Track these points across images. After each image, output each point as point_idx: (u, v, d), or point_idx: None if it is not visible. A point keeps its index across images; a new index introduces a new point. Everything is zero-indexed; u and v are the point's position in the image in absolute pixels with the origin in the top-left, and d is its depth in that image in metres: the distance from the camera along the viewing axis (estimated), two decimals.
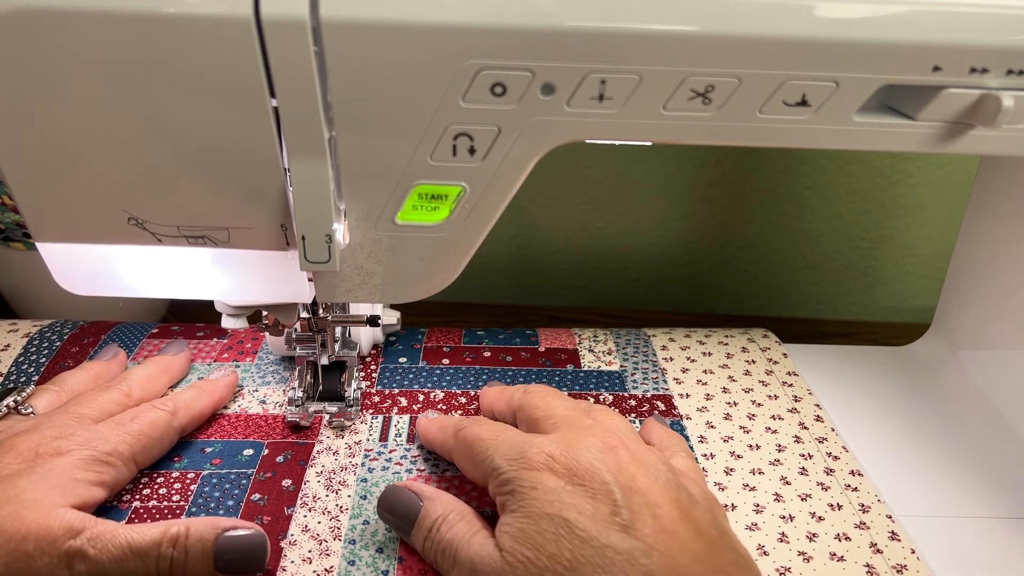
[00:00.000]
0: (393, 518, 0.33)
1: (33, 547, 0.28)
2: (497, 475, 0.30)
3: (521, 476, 0.29)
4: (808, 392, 0.45)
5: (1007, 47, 0.25)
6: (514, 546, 0.28)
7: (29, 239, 0.50)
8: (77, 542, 0.28)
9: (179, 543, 0.29)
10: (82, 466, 0.32)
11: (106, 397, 0.36)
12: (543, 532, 0.27)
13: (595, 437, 0.31)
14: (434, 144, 0.26)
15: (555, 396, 0.35)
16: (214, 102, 0.24)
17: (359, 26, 0.23)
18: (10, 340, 0.46)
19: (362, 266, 0.30)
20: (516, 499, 0.29)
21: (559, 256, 0.68)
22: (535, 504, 0.28)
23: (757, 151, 0.61)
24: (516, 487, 0.29)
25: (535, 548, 0.27)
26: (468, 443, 0.33)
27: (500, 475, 0.30)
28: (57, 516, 0.29)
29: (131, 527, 0.30)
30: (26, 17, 0.22)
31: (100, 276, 0.30)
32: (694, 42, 0.24)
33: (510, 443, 0.31)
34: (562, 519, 0.27)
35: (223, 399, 0.41)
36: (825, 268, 0.69)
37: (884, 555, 0.34)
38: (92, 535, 0.29)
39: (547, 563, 0.27)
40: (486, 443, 0.32)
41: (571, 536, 0.27)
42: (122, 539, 0.29)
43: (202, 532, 0.30)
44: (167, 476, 0.36)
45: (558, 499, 0.28)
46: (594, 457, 0.29)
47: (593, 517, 0.27)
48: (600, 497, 0.28)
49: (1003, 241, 0.45)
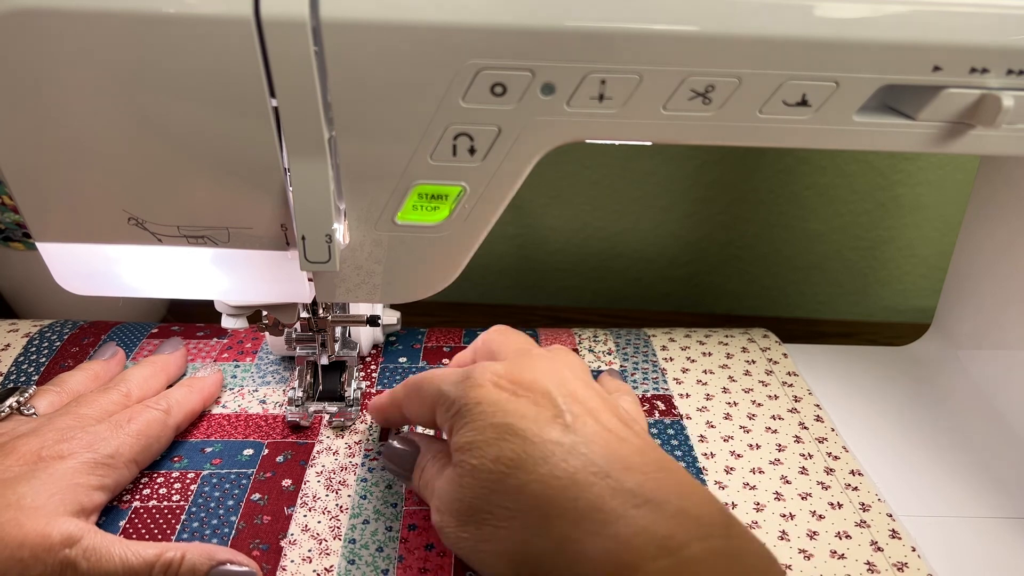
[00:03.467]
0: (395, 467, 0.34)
1: (29, 554, 0.28)
2: (443, 400, 0.31)
3: (466, 395, 0.30)
4: (808, 392, 0.45)
5: (1007, 47, 0.25)
6: (461, 459, 0.29)
7: (29, 239, 0.50)
8: (72, 552, 0.28)
9: (171, 569, 0.29)
10: (84, 470, 0.32)
11: (106, 398, 0.36)
12: (487, 439, 0.28)
13: (542, 360, 0.31)
14: (434, 144, 0.26)
15: (512, 334, 0.36)
16: (214, 102, 0.24)
17: (359, 26, 0.23)
18: (10, 340, 0.46)
19: (362, 266, 0.30)
20: (461, 417, 0.29)
21: (559, 256, 0.68)
22: (480, 417, 0.29)
23: (757, 151, 0.61)
24: (461, 406, 0.30)
25: (480, 455, 0.28)
26: (416, 383, 0.34)
27: (446, 398, 0.31)
28: (56, 524, 0.29)
29: (128, 544, 0.30)
30: (26, 17, 0.22)
31: (100, 276, 0.30)
32: (694, 42, 0.24)
33: (455, 372, 0.32)
34: (505, 424, 0.28)
35: (212, 395, 0.41)
36: (825, 268, 0.69)
37: (885, 553, 0.34)
38: (87, 546, 0.29)
39: (491, 465, 0.27)
40: (433, 376, 0.33)
41: (513, 436, 0.28)
42: (116, 556, 0.29)
43: (196, 562, 0.30)
44: (167, 476, 0.36)
45: (501, 409, 0.29)
46: (539, 372, 0.30)
47: (535, 420, 0.28)
48: (543, 403, 0.29)
49: (1003, 241, 0.45)
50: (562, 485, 0.26)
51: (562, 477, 0.26)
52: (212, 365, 0.44)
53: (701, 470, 0.39)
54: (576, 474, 0.26)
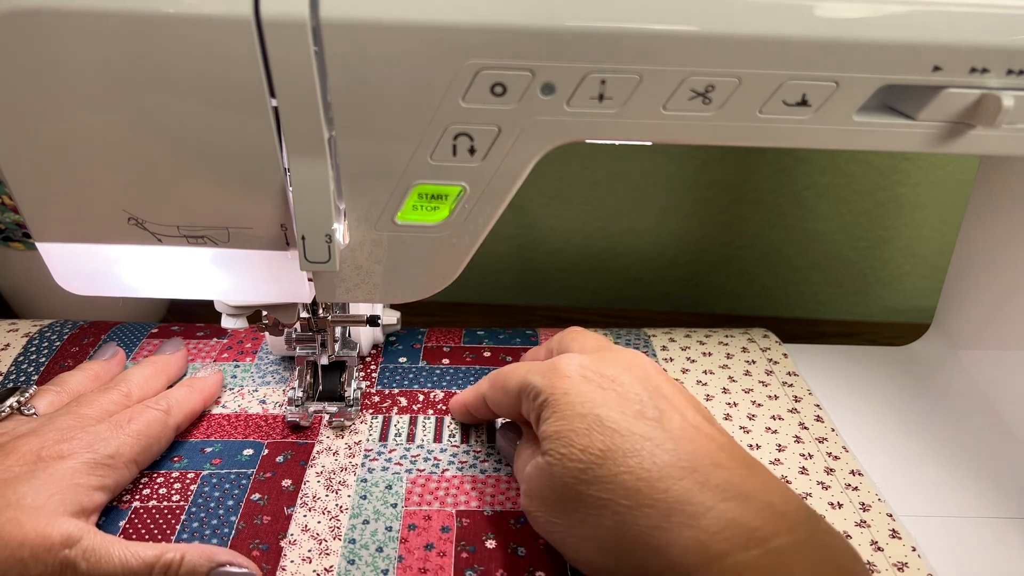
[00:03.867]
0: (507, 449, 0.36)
1: (29, 554, 0.28)
2: (530, 390, 0.32)
3: (554, 385, 0.31)
4: (808, 392, 0.45)
5: (1007, 47, 0.25)
6: (550, 447, 0.29)
7: (29, 239, 0.50)
8: (72, 553, 0.28)
9: (170, 570, 0.29)
10: (85, 471, 0.32)
11: (107, 398, 0.36)
12: (576, 429, 0.29)
13: (624, 355, 0.33)
14: (434, 144, 0.26)
15: (588, 334, 0.37)
16: (214, 102, 0.24)
17: (359, 26, 0.23)
18: (10, 340, 0.46)
19: (362, 266, 0.30)
20: (550, 407, 0.30)
21: (559, 256, 0.68)
22: (568, 407, 0.30)
23: (757, 151, 0.61)
24: (548, 396, 0.31)
25: (568, 444, 0.29)
26: (501, 375, 0.35)
27: (533, 388, 0.32)
28: (56, 524, 0.29)
29: (127, 545, 0.30)
30: (26, 17, 0.22)
31: (100, 276, 0.30)
32: (694, 42, 0.24)
33: (541, 364, 0.33)
34: (594, 416, 0.29)
35: (212, 395, 0.41)
36: (825, 268, 0.69)
37: (885, 553, 0.34)
38: (87, 547, 0.29)
39: (580, 455, 0.28)
40: (519, 368, 0.34)
41: (602, 428, 0.28)
42: (116, 557, 0.29)
43: (195, 563, 0.30)
44: (167, 476, 0.36)
45: (589, 399, 0.30)
46: (622, 368, 0.31)
47: (623, 412, 0.29)
48: (630, 397, 0.30)
49: (1003, 241, 0.45)
50: (652, 478, 0.27)
51: (651, 470, 0.27)
52: (212, 365, 0.44)
53: None
54: (665, 468, 0.27)
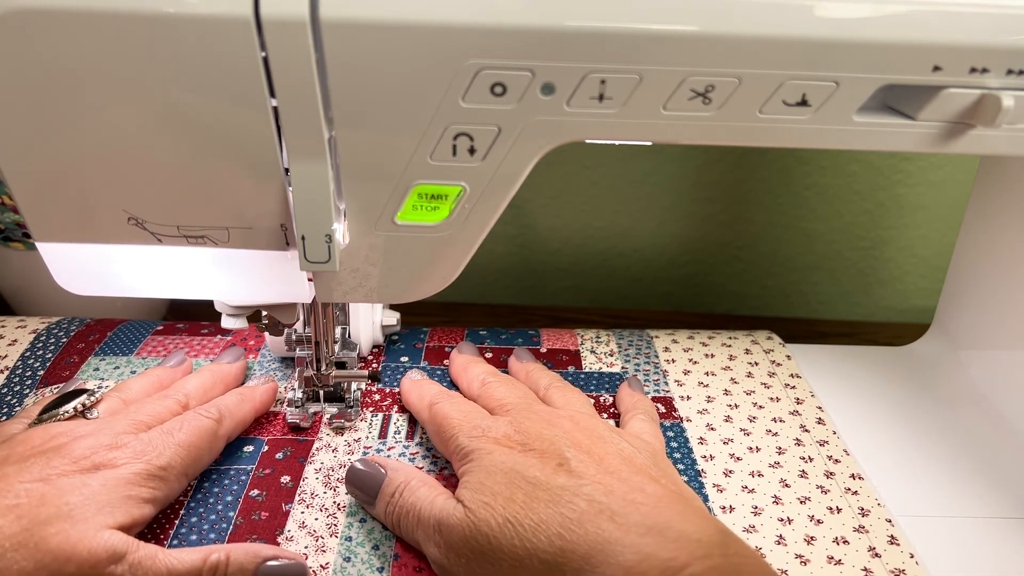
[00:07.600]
0: (359, 491, 0.35)
1: (75, 569, 0.27)
2: (459, 449, 0.34)
3: (480, 446, 0.33)
4: (811, 395, 0.45)
5: (1007, 47, 0.25)
6: (473, 496, 0.31)
7: (29, 239, 0.51)
8: (118, 568, 0.28)
9: (219, 571, 0.29)
10: (136, 481, 0.31)
11: (163, 406, 0.36)
12: (498, 481, 0.31)
13: (542, 416, 0.35)
14: (434, 144, 0.26)
15: (508, 387, 0.39)
16: (214, 102, 0.24)
17: (359, 26, 0.23)
18: (18, 335, 0.46)
19: (362, 266, 0.30)
20: (474, 462, 0.32)
21: (559, 256, 0.68)
22: (491, 462, 0.32)
23: (757, 151, 0.61)
24: (474, 454, 0.33)
25: (492, 494, 0.30)
26: (438, 421, 0.36)
27: (462, 448, 0.34)
28: (102, 539, 0.28)
29: (171, 552, 0.29)
30: (25, 17, 0.22)
31: (100, 276, 0.30)
32: (694, 42, 0.24)
33: (472, 425, 0.35)
34: (515, 471, 0.31)
35: (265, 405, 0.40)
36: (825, 268, 0.69)
37: (882, 559, 0.34)
38: (134, 560, 0.28)
39: (503, 504, 0.30)
40: (453, 424, 0.35)
41: (523, 481, 0.30)
42: (162, 566, 0.29)
43: (243, 561, 0.30)
44: None
45: (511, 459, 0.32)
46: (543, 428, 0.33)
47: (542, 469, 0.31)
48: (548, 455, 0.32)
49: (1003, 241, 0.45)
50: (572, 524, 0.28)
51: (572, 517, 0.28)
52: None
53: (700, 473, 0.38)
54: (584, 513, 0.28)
